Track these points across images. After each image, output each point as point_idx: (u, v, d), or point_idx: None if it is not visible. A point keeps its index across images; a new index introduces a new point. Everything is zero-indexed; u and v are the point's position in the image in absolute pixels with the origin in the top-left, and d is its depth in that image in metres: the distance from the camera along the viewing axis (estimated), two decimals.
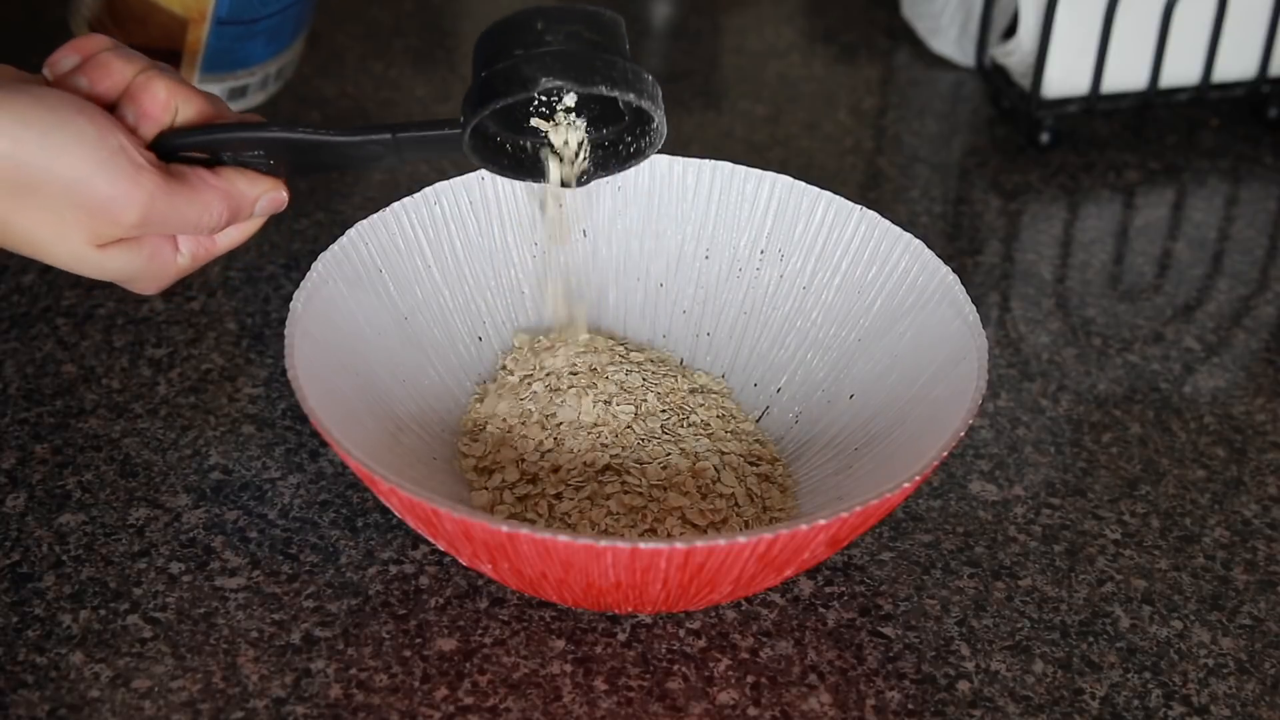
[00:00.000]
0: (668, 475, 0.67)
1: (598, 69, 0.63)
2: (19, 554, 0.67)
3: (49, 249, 0.61)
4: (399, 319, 0.71)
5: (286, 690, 0.62)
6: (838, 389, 0.72)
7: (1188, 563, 0.70)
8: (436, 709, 0.61)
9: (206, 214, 0.63)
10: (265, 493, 0.71)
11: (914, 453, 0.62)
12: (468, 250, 0.74)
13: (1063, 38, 0.99)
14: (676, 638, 0.64)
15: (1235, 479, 0.75)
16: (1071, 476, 0.75)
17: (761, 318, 0.76)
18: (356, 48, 1.08)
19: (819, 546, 0.59)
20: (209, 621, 0.64)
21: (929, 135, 1.04)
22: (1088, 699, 0.63)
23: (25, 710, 0.60)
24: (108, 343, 0.79)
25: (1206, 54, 1.01)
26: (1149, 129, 1.05)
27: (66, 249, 0.61)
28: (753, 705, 0.62)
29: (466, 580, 0.67)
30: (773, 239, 0.76)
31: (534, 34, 0.64)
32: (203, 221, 0.64)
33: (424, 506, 0.57)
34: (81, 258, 0.61)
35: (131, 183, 0.60)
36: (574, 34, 0.64)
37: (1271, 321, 0.88)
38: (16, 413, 0.74)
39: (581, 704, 0.62)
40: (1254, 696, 0.64)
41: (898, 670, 0.64)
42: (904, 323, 0.70)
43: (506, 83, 0.63)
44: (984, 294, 0.88)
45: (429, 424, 0.70)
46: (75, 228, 0.60)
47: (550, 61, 0.63)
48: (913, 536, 0.70)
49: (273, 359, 0.79)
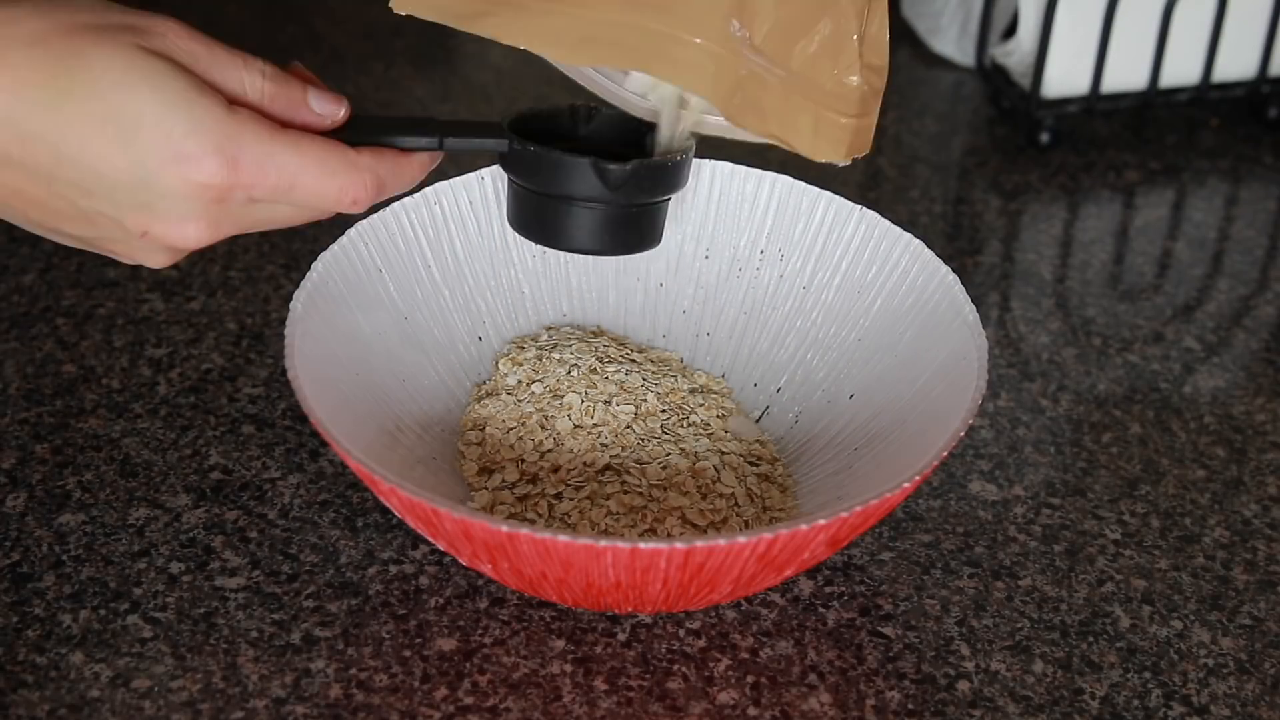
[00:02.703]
0: (668, 475, 0.67)
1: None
2: (19, 554, 0.67)
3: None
4: (399, 319, 0.71)
5: (286, 690, 0.62)
6: (838, 389, 0.72)
7: (1188, 563, 0.70)
8: (436, 709, 0.61)
9: (331, 182, 0.60)
10: (265, 493, 0.71)
11: (914, 453, 0.62)
12: (468, 250, 0.74)
13: (1063, 38, 0.99)
14: (676, 638, 0.64)
15: (1235, 479, 0.75)
16: (1071, 476, 0.75)
17: (761, 318, 0.76)
18: (356, 48, 1.08)
19: (819, 546, 0.59)
20: (209, 621, 0.64)
21: (929, 135, 1.04)
22: (1088, 699, 0.63)
23: (25, 710, 0.60)
24: (108, 343, 0.79)
25: (1206, 54, 1.01)
26: (1149, 129, 1.05)
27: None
28: (753, 705, 0.62)
29: (466, 580, 0.67)
30: (773, 239, 0.76)
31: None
32: (327, 191, 0.60)
33: (424, 506, 0.57)
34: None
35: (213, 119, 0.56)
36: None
37: (1271, 321, 0.88)
38: (16, 413, 0.74)
39: (581, 704, 0.62)
40: (1254, 696, 0.64)
41: (898, 670, 0.64)
42: (904, 323, 0.70)
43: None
44: (984, 294, 0.88)
45: (429, 424, 0.70)
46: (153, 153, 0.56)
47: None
48: (913, 536, 0.70)
49: (273, 359, 0.79)
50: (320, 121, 0.61)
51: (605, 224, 0.66)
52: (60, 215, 0.58)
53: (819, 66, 0.63)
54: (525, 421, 0.69)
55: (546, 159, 0.64)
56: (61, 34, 0.55)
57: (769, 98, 0.63)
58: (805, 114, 0.63)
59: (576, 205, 0.65)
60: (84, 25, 0.56)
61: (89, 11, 0.57)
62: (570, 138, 0.69)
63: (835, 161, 0.64)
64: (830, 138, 0.64)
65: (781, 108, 0.63)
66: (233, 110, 0.57)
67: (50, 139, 0.56)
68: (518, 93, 1.04)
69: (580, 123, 0.69)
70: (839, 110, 0.63)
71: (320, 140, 0.59)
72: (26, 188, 0.57)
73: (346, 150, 0.60)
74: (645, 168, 0.65)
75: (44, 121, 0.55)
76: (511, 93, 1.05)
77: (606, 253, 0.70)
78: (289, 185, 0.58)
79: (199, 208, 0.58)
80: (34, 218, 0.58)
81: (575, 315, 0.77)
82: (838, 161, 0.64)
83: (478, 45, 1.09)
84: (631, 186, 0.65)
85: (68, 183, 0.57)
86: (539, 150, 0.64)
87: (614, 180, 0.64)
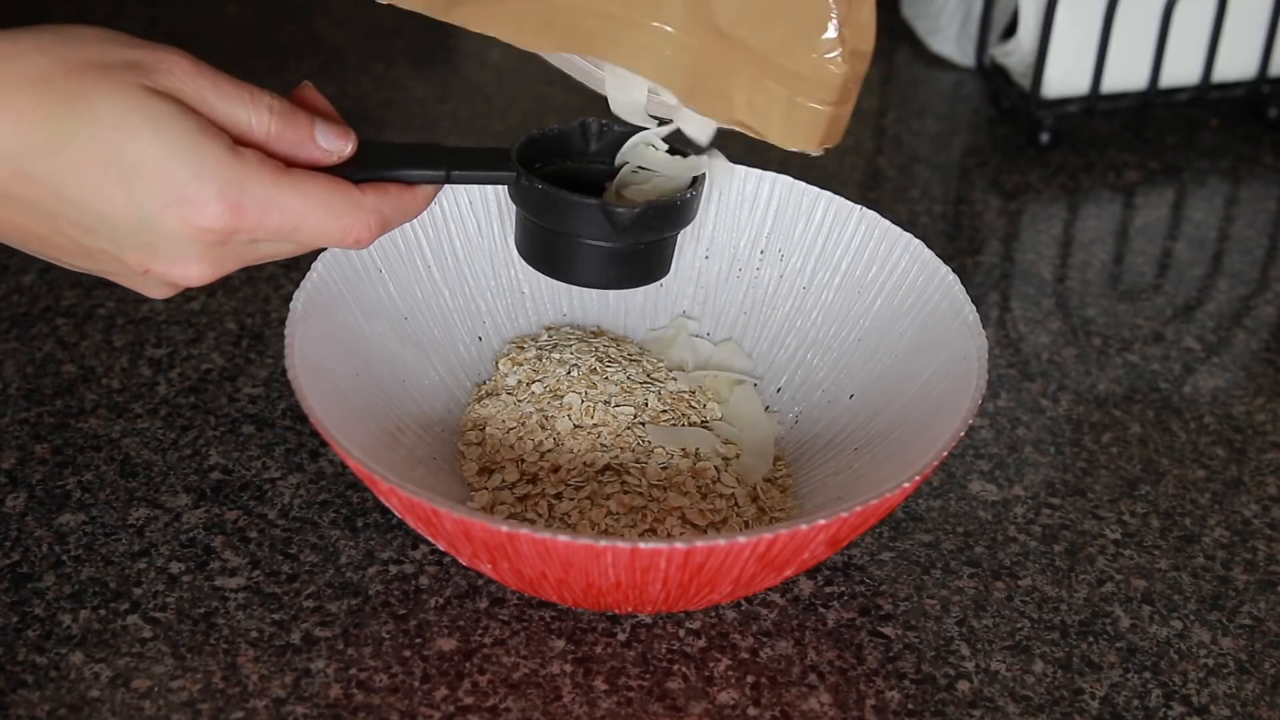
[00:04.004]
0: (668, 475, 0.67)
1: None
2: (19, 554, 0.67)
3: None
4: (399, 319, 0.71)
5: (286, 690, 0.62)
6: (838, 389, 0.72)
7: (1188, 563, 0.70)
8: (436, 709, 0.61)
9: (334, 221, 0.59)
10: (265, 493, 0.71)
11: (914, 453, 0.62)
12: (468, 250, 0.74)
13: (1063, 38, 0.99)
14: (676, 638, 0.65)
15: (1235, 479, 0.75)
16: (1071, 476, 0.75)
17: (761, 318, 0.76)
18: (356, 48, 1.08)
19: (819, 546, 0.59)
20: (209, 621, 0.64)
21: (929, 135, 1.04)
22: (1088, 699, 0.63)
23: (25, 710, 0.60)
24: (108, 343, 0.79)
25: (1206, 54, 1.01)
26: (1149, 129, 1.05)
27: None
28: (753, 705, 0.62)
29: (466, 580, 0.67)
30: (773, 239, 0.76)
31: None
32: (329, 228, 0.59)
33: (424, 506, 0.57)
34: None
35: (215, 160, 0.56)
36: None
37: (1271, 321, 0.88)
38: (16, 413, 0.74)
39: (581, 704, 0.62)
40: (1254, 696, 0.64)
41: (898, 670, 0.64)
42: (904, 323, 0.70)
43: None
44: (984, 294, 0.88)
45: (429, 424, 0.70)
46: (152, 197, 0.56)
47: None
48: (913, 536, 0.70)
49: (273, 359, 0.79)
50: (327, 158, 0.60)
51: (613, 261, 0.66)
52: (62, 249, 0.58)
53: (793, 50, 0.60)
54: (525, 421, 0.69)
55: (553, 198, 0.64)
56: (64, 73, 0.55)
57: (735, 83, 0.61)
58: (777, 100, 0.61)
59: (584, 242, 0.65)
60: (88, 63, 0.55)
61: (94, 46, 0.56)
62: (582, 155, 0.68)
63: (808, 151, 0.62)
64: (803, 125, 0.61)
65: (750, 93, 0.61)
66: (236, 152, 0.57)
67: (52, 179, 0.55)
68: (517, 93, 1.05)
69: (592, 139, 0.68)
70: (815, 97, 0.61)
71: (324, 180, 0.59)
72: (28, 224, 0.57)
73: (351, 190, 0.60)
74: (653, 209, 0.64)
75: (46, 162, 0.55)
76: (511, 93, 1.05)
77: (614, 287, 0.69)
78: (292, 227, 0.58)
79: (200, 249, 0.57)
80: (35, 249, 0.59)
81: (575, 315, 0.77)
82: (810, 151, 0.62)
83: (478, 45, 1.09)
84: (639, 227, 0.64)
85: (70, 221, 0.57)
86: (546, 189, 0.64)
87: (621, 223, 0.64)
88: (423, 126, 1.00)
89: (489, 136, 1.00)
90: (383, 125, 1.00)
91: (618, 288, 0.71)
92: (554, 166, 0.68)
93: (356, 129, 0.62)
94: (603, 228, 0.64)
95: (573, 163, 0.68)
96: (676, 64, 0.61)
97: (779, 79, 0.61)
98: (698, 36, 0.60)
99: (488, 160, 0.65)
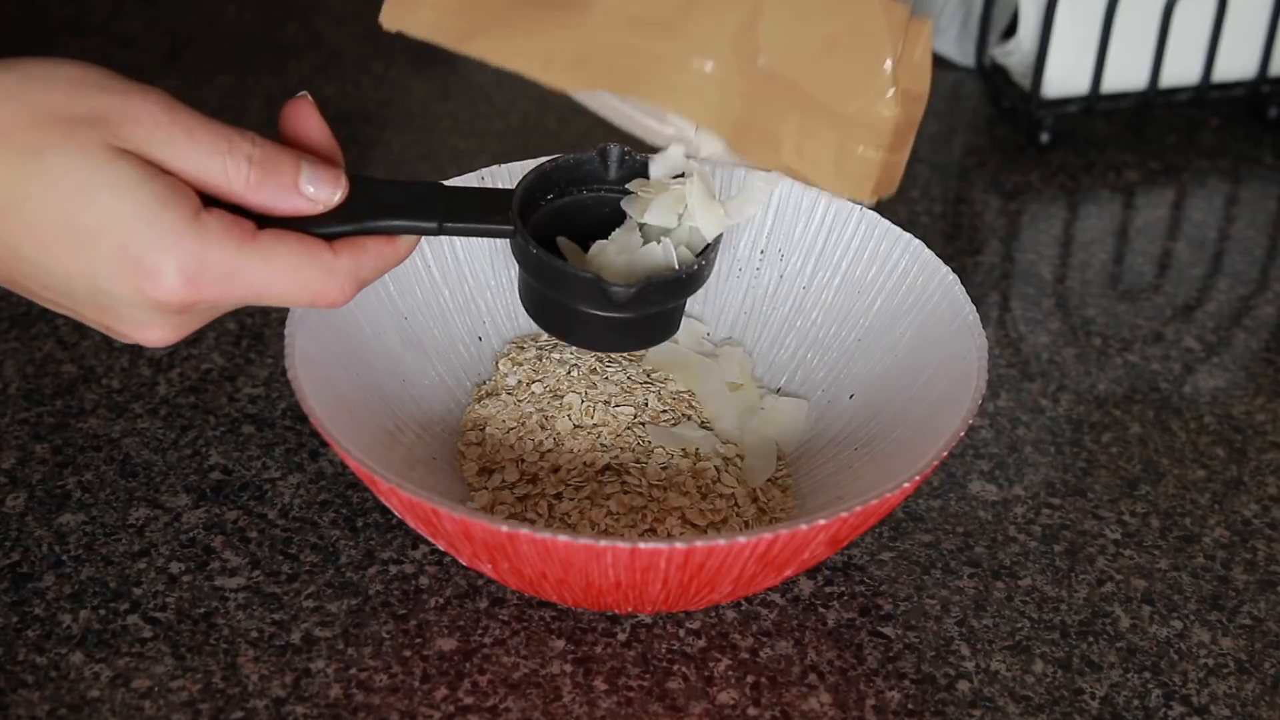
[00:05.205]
0: (668, 475, 0.67)
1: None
2: (19, 554, 0.67)
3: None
4: (399, 319, 0.71)
5: (286, 690, 0.62)
6: (838, 389, 0.72)
7: (1188, 563, 0.70)
8: (436, 709, 0.61)
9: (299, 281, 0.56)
10: (265, 493, 0.71)
11: (914, 453, 0.62)
12: (468, 250, 0.74)
13: (1063, 38, 0.99)
14: (676, 638, 0.65)
15: (1235, 479, 0.75)
16: (1071, 476, 0.75)
17: (761, 318, 0.76)
18: (356, 48, 1.08)
19: (819, 546, 0.59)
20: (209, 621, 0.64)
21: (929, 135, 1.04)
22: (1088, 699, 0.63)
23: (25, 710, 0.60)
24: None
25: (1206, 54, 1.01)
26: (1149, 129, 1.05)
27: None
28: (753, 705, 0.62)
29: (466, 580, 0.67)
30: (773, 239, 0.76)
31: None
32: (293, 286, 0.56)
33: (424, 506, 0.57)
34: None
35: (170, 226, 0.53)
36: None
37: (1271, 321, 0.88)
38: (16, 413, 0.74)
39: (581, 704, 0.62)
40: (1254, 696, 0.64)
41: (898, 670, 0.64)
42: (904, 323, 0.70)
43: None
44: (984, 294, 0.88)
45: (429, 424, 0.70)
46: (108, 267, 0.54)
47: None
48: (913, 536, 0.70)
49: (273, 359, 0.79)
50: (311, 208, 0.57)
51: (610, 327, 0.63)
52: (29, 294, 0.57)
53: (844, 91, 0.57)
54: (525, 422, 0.69)
55: (549, 265, 0.61)
56: (27, 125, 0.53)
57: (785, 128, 0.57)
58: (827, 146, 0.57)
59: (582, 310, 0.62)
60: (52, 115, 0.53)
61: (61, 93, 0.54)
62: (601, 183, 0.65)
63: (860, 201, 0.59)
64: (854, 173, 0.58)
65: (799, 138, 0.57)
66: (198, 222, 0.54)
67: (9, 238, 0.54)
68: (517, 93, 1.04)
69: (612, 166, 0.64)
70: (867, 142, 0.57)
71: (294, 244, 0.56)
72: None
73: (323, 252, 0.57)
74: (653, 286, 0.61)
75: (3, 220, 0.53)
76: (511, 93, 1.05)
77: (616, 350, 0.68)
78: (257, 295, 0.56)
79: (160, 317, 0.56)
80: (6, 288, 0.58)
81: None
82: (862, 201, 0.59)
83: None
84: (638, 303, 0.61)
85: (27, 276, 0.55)
86: (542, 256, 0.60)
87: (618, 300, 0.60)
88: (423, 126, 1.00)
89: (489, 137, 1.00)
90: (383, 125, 1.00)
91: (619, 351, 0.69)
92: (570, 197, 0.65)
93: (356, 129, 0.61)
94: (599, 302, 0.61)
95: (590, 192, 0.65)
96: (725, 106, 0.57)
97: (829, 122, 0.57)
98: (744, 75, 0.57)
99: (489, 204, 0.61)
